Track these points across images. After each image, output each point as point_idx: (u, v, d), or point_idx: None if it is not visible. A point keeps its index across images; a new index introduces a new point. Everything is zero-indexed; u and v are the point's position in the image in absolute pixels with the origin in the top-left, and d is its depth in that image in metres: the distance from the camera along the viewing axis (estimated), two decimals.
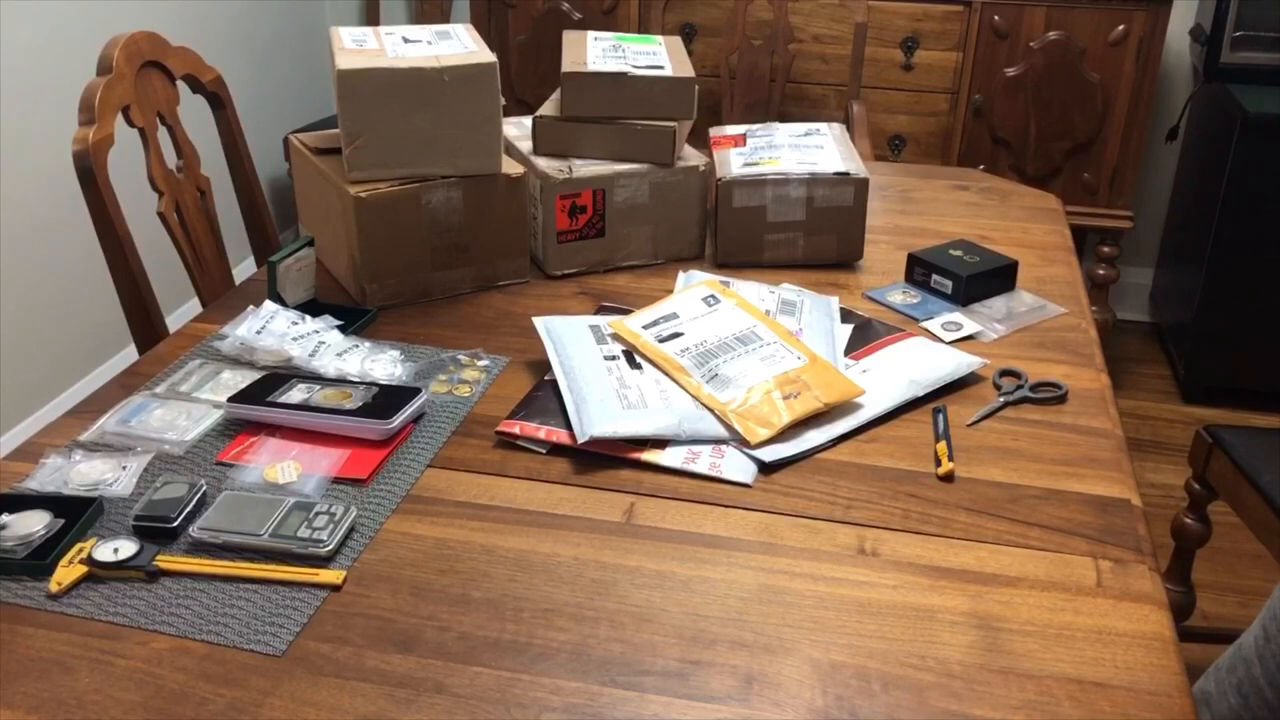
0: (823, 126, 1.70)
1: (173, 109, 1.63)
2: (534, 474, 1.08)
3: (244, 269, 1.76)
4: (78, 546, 0.95)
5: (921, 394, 1.20)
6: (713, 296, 1.34)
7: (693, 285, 1.39)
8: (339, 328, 1.32)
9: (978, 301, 1.43)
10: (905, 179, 1.94)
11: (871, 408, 1.17)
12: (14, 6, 2.39)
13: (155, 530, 0.98)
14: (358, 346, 1.28)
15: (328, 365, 1.24)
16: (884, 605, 0.91)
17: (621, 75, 1.51)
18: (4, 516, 0.98)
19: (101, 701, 0.81)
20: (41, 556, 0.94)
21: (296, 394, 1.16)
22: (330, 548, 0.95)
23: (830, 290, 1.46)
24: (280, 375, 1.21)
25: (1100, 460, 1.11)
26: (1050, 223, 1.73)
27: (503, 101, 1.42)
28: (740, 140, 1.65)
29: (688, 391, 1.18)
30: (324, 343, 1.27)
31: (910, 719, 0.80)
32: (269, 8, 3.34)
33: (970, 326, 1.37)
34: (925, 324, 1.38)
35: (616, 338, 1.27)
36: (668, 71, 1.53)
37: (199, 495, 1.02)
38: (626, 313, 1.34)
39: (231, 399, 1.16)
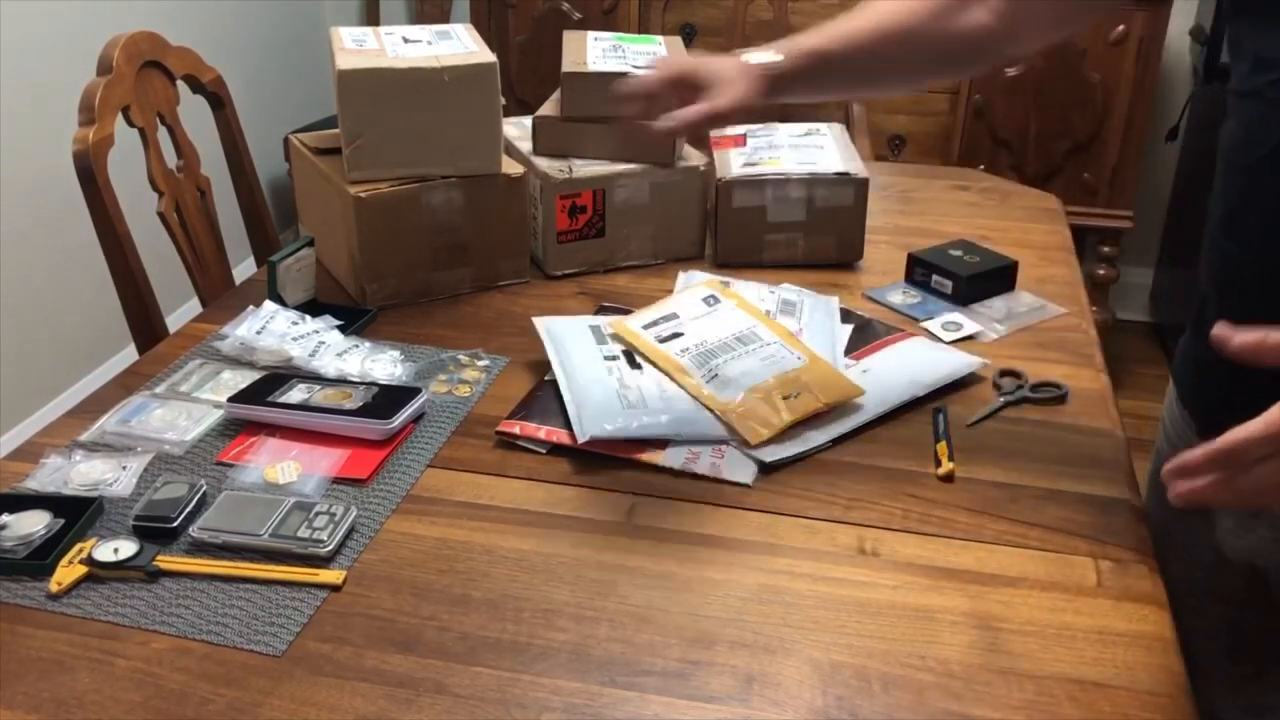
0: (823, 126, 1.70)
1: (173, 109, 1.63)
2: (534, 474, 1.08)
3: (244, 269, 1.76)
4: (78, 546, 0.95)
5: (921, 394, 1.20)
6: (713, 296, 1.34)
7: (693, 285, 1.39)
8: (339, 328, 1.32)
9: (978, 301, 1.43)
10: (905, 179, 1.94)
11: (871, 408, 1.17)
12: (14, 6, 2.39)
13: (155, 530, 0.98)
14: (358, 346, 1.28)
15: (328, 365, 1.24)
16: (884, 605, 0.91)
17: (621, 75, 1.51)
18: (4, 516, 0.98)
19: (101, 701, 0.81)
20: (41, 556, 0.94)
21: (296, 394, 1.16)
22: (330, 548, 0.95)
23: (830, 290, 1.46)
24: (280, 375, 1.21)
25: (1100, 460, 1.11)
26: (1050, 223, 1.73)
27: (503, 101, 1.42)
28: (740, 140, 1.64)
29: (688, 391, 1.18)
30: (324, 343, 1.27)
31: (910, 719, 0.80)
32: (269, 8, 3.34)
33: (970, 326, 1.37)
34: (925, 324, 1.38)
35: (616, 338, 1.27)
36: None
37: (199, 495, 1.02)
38: (626, 313, 1.34)
39: (231, 399, 1.16)
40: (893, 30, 1.08)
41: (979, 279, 1.43)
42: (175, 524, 0.98)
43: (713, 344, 1.24)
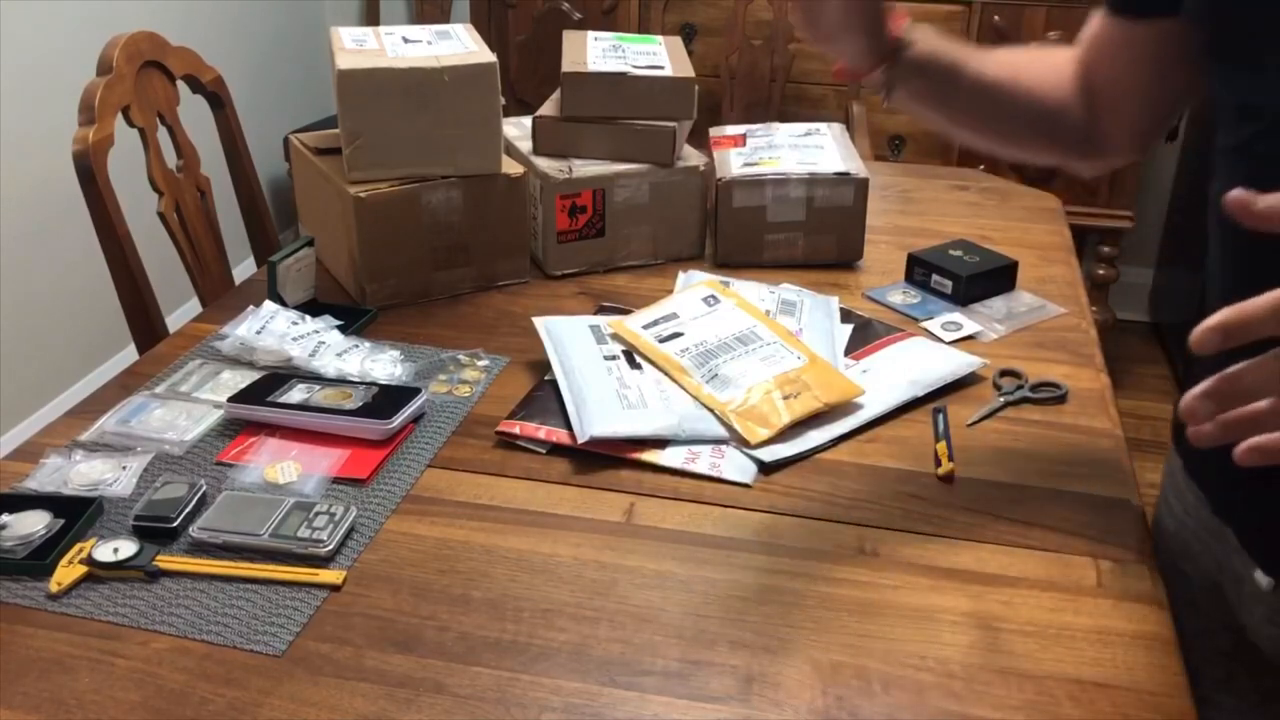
0: (823, 126, 1.70)
1: (173, 109, 1.64)
2: (534, 474, 1.08)
3: (244, 269, 1.76)
4: (78, 546, 0.95)
5: (921, 394, 1.20)
6: (713, 296, 1.34)
7: (693, 285, 1.39)
8: (339, 328, 1.32)
9: (978, 301, 1.43)
10: (905, 179, 1.94)
11: (871, 408, 1.17)
12: (14, 6, 2.39)
13: (155, 530, 0.98)
14: (358, 346, 1.28)
15: (328, 365, 1.24)
16: (884, 605, 0.91)
17: (621, 75, 1.51)
18: (4, 516, 0.98)
19: (101, 701, 0.81)
20: (41, 556, 0.94)
21: (296, 394, 1.16)
22: (330, 548, 0.95)
23: (830, 290, 1.45)
24: (280, 375, 1.21)
25: (1100, 460, 1.11)
26: (1050, 223, 1.73)
27: (503, 101, 1.42)
28: (740, 140, 1.64)
29: (688, 391, 1.18)
30: (324, 343, 1.27)
31: (910, 719, 0.80)
32: (269, 8, 3.34)
33: (970, 326, 1.37)
34: (925, 324, 1.38)
35: (616, 338, 1.27)
36: (668, 71, 1.52)
37: (199, 495, 1.02)
38: (626, 313, 1.34)
39: (231, 399, 1.16)
40: (1024, 71, 1.04)
41: (979, 279, 1.43)
42: (175, 524, 0.98)
43: (713, 344, 1.24)
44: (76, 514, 0.99)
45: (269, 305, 1.33)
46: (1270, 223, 0.63)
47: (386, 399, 1.15)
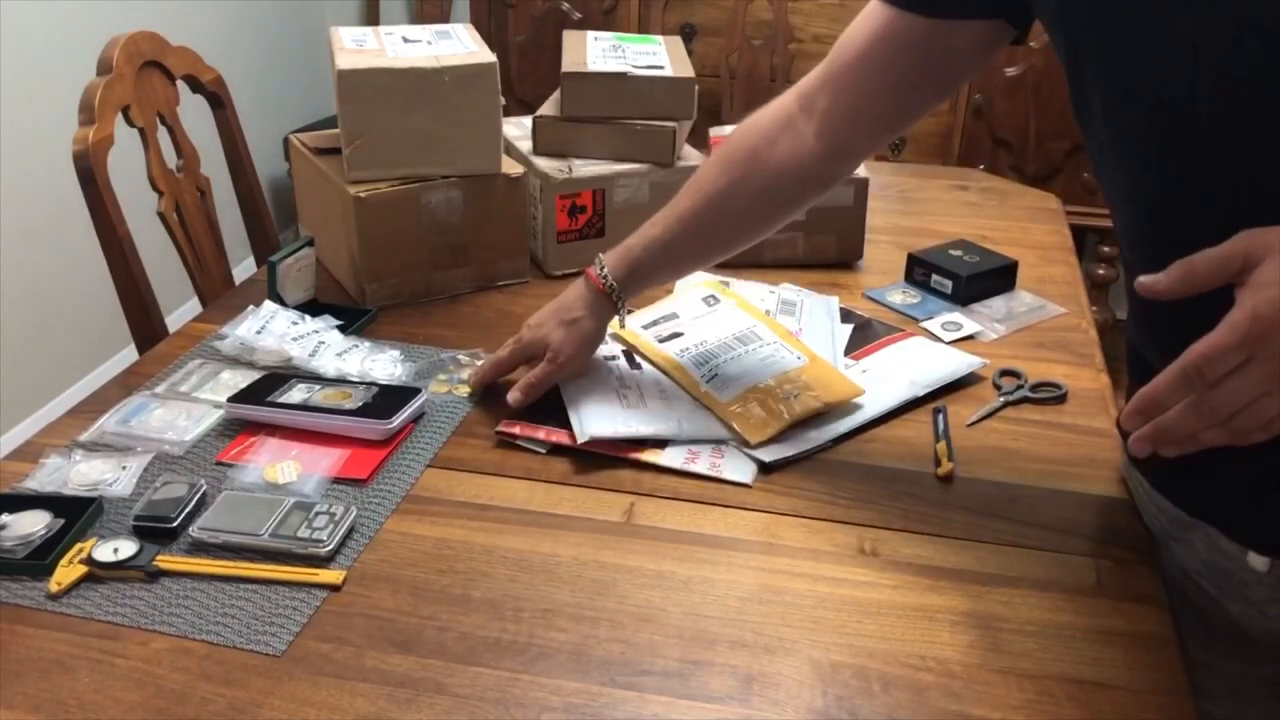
0: None
1: (173, 109, 1.63)
2: (534, 474, 1.08)
3: (244, 269, 1.76)
4: (77, 546, 0.95)
5: (921, 394, 1.20)
6: (713, 296, 1.34)
7: (693, 285, 1.39)
8: (339, 328, 1.32)
9: (978, 301, 1.43)
10: (905, 179, 1.94)
11: (871, 408, 1.17)
12: (14, 6, 2.40)
13: (155, 530, 0.98)
14: (358, 346, 1.28)
15: (328, 365, 1.24)
16: (884, 605, 0.91)
17: (621, 75, 1.51)
18: (4, 516, 0.98)
19: (101, 701, 0.81)
20: (41, 556, 0.94)
21: (296, 394, 1.16)
22: (330, 548, 0.95)
23: (830, 290, 1.45)
24: (280, 375, 1.21)
25: (1100, 460, 1.11)
26: (1050, 223, 1.73)
27: (503, 101, 1.42)
28: None
29: (688, 391, 1.18)
30: (324, 343, 1.27)
31: (910, 719, 0.80)
32: (269, 8, 3.34)
33: (970, 326, 1.37)
34: (925, 324, 1.38)
35: (616, 338, 1.27)
36: (668, 71, 1.52)
37: (199, 495, 1.02)
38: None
39: (231, 399, 1.16)
40: (718, 192, 1.09)
41: (979, 279, 1.43)
42: (175, 524, 0.98)
43: (713, 344, 1.24)
44: (76, 514, 0.99)
45: (269, 305, 1.33)
46: (1177, 295, 0.68)
47: (386, 399, 1.15)
